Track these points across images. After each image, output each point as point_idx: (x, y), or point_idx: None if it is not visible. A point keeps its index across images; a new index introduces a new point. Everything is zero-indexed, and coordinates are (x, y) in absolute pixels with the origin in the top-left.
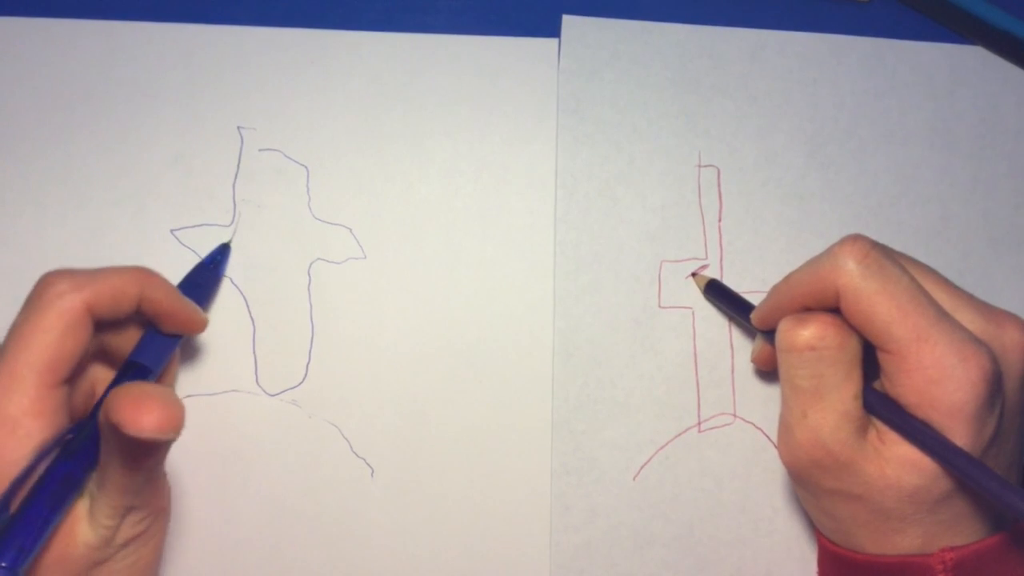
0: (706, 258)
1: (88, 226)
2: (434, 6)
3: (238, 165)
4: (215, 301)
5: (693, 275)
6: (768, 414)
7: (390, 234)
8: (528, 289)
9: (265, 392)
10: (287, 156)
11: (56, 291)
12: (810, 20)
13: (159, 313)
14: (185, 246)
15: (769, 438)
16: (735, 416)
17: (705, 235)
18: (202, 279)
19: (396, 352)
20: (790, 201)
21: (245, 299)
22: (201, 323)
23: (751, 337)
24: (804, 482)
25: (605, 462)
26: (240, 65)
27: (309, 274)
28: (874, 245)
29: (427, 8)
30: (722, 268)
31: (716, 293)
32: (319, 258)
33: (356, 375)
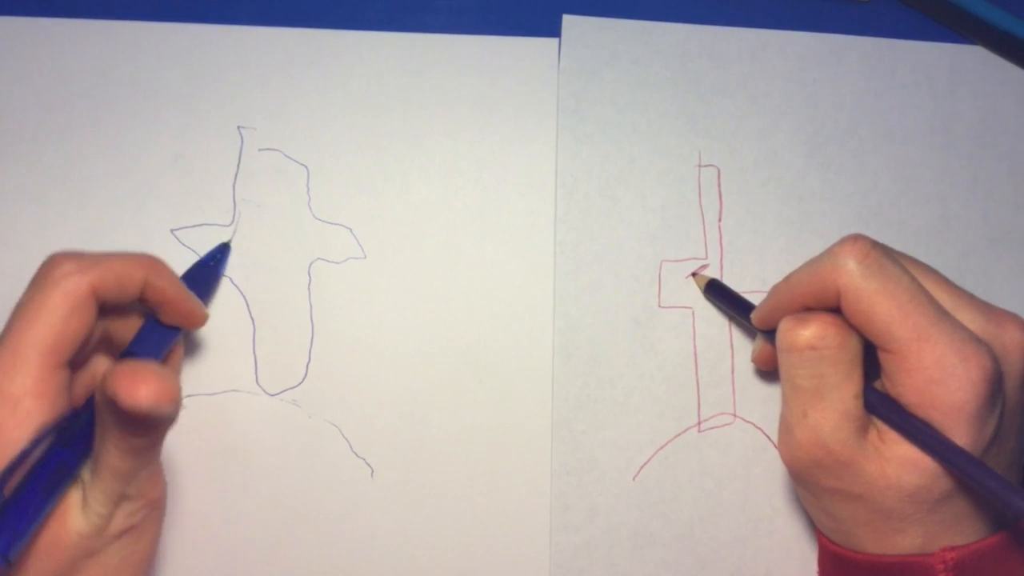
0: (706, 258)
1: (88, 225)
2: (434, 6)
3: (238, 165)
4: (215, 301)
5: (693, 275)
6: (768, 414)
7: (390, 234)
8: (528, 289)
9: (265, 392)
10: (287, 156)
11: (62, 271)
12: (810, 20)
13: (162, 301)
14: (185, 246)
15: (769, 438)
16: (735, 416)
17: (705, 235)
18: (202, 276)
19: (396, 352)
20: (790, 201)
21: (245, 299)
22: (201, 317)
23: (751, 337)
24: (804, 482)
25: (605, 462)
26: (240, 65)
27: (309, 274)
28: (874, 245)
29: (427, 8)
30: (722, 268)
31: (716, 293)
32: (319, 258)
33: (356, 375)
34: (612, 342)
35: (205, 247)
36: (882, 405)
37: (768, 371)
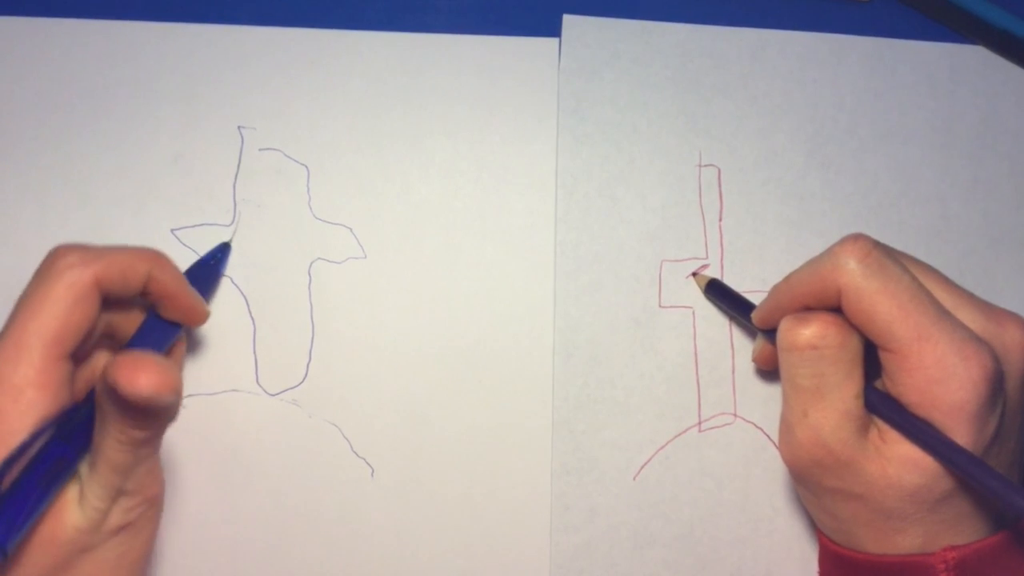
0: (706, 258)
1: (88, 225)
2: (434, 6)
3: (238, 165)
4: (215, 301)
5: (693, 275)
6: (768, 414)
7: (390, 234)
8: (528, 289)
9: (265, 392)
10: (287, 156)
11: (66, 263)
12: (810, 20)
13: (164, 295)
14: (186, 246)
15: (770, 438)
16: (735, 416)
17: (705, 235)
18: (202, 275)
19: (396, 352)
20: (790, 201)
21: (245, 299)
22: (203, 313)
23: (752, 337)
24: (805, 481)
25: (605, 462)
26: (240, 65)
27: (309, 274)
28: (875, 244)
29: (427, 8)
30: (722, 268)
31: (717, 293)
32: (319, 258)
33: (356, 375)
34: (612, 342)
35: (205, 247)
36: (883, 404)
37: (768, 371)
